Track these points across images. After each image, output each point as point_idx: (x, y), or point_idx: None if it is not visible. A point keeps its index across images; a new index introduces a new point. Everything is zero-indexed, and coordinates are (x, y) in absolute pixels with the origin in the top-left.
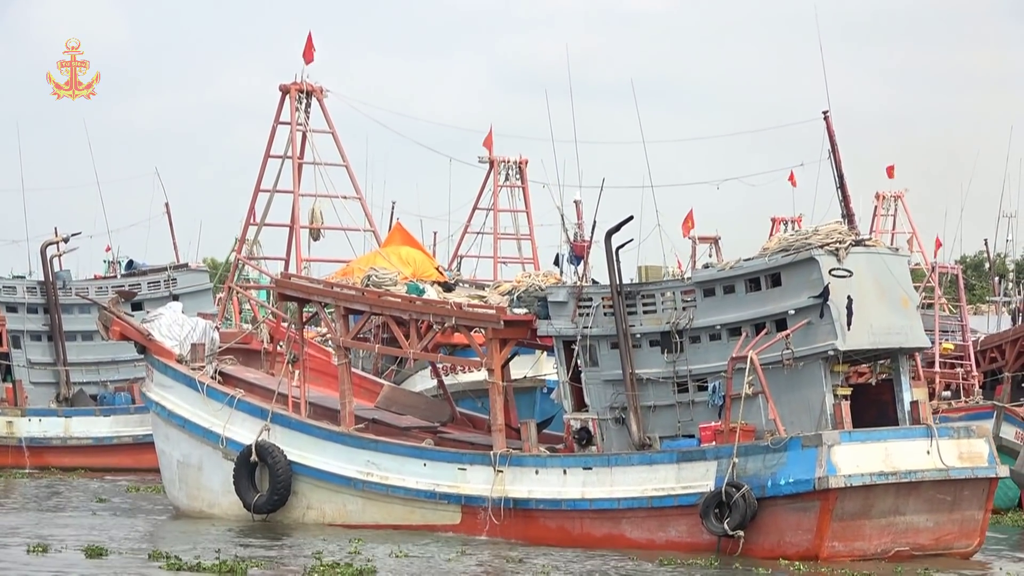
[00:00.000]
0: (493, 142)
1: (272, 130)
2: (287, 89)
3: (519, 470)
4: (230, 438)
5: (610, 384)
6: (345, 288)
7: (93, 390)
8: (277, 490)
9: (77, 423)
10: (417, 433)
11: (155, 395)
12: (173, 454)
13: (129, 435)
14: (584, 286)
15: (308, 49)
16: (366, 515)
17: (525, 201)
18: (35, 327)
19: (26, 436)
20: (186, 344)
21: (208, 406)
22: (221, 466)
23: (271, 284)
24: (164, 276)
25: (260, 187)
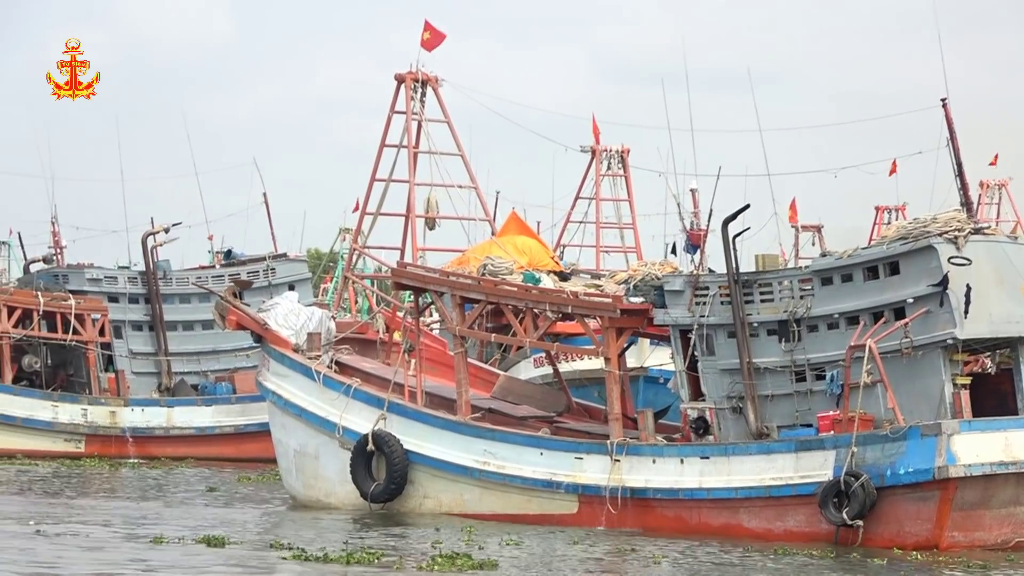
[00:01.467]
0: (596, 131)
1: (387, 119)
2: (402, 78)
3: (636, 459)
4: (347, 427)
5: (727, 373)
6: (461, 277)
7: (194, 380)
8: (394, 479)
9: (179, 413)
10: (533, 423)
11: (271, 384)
12: (290, 443)
13: (230, 425)
14: (701, 275)
15: (428, 37)
16: (483, 504)
17: (627, 190)
18: (136, 317)
19: (129, 426)
20: (302, 333)
21: (324, 395)
22: (338, 455)
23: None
24: (263, 266)
25: (375, 176)
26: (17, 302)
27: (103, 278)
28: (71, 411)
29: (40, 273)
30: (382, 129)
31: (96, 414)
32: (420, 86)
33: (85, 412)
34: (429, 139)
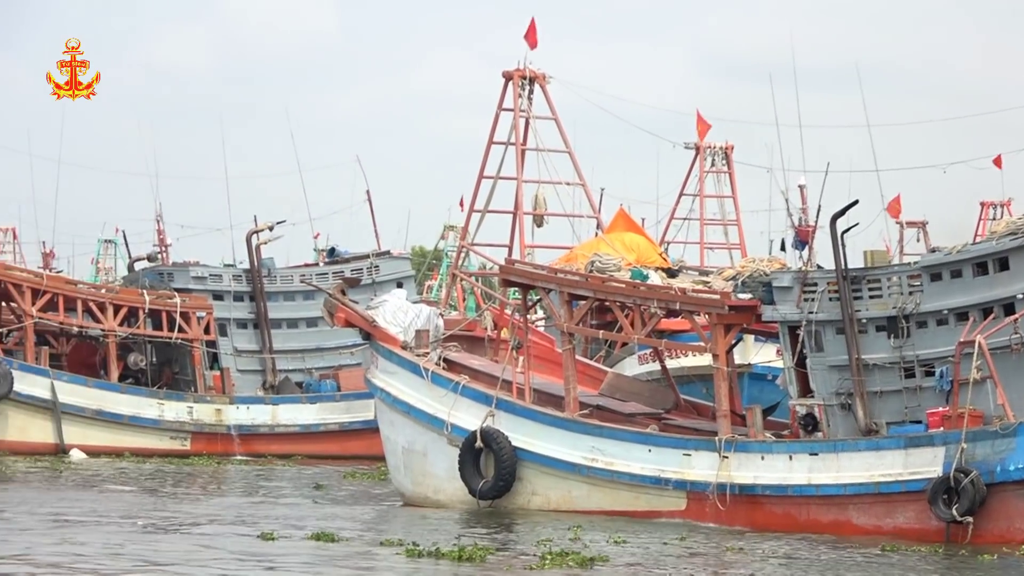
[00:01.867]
0: (700, 127)
1: (495, 117)
2: (510, 75)
3: (745, 456)
4: (455, 424)
5: (836, 369)
6: (569, 274)
7: (298, 377)
8: (502, 476)
9: (284, 410)
10: (642, 419)
11: (380, 381)
12: (398, 440)
13: (335, 422)
14: (809, 271)
15: (531, 34)
16: (591, 501)
17: (732, 186)
18: (241, 315)
19: (234, 423)
20: (410, 331)
21: (433, 392)
22: (446, 452)
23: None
24: (367, 263)
25: (483, 174)
26: (123, 300)
27: (208, 276)
28: (177, 409)
29: (145, 271)
30: (489, 126)
31: (202, 412)
32: (528, 83)
33: (191, 410)
34: (537, 136)
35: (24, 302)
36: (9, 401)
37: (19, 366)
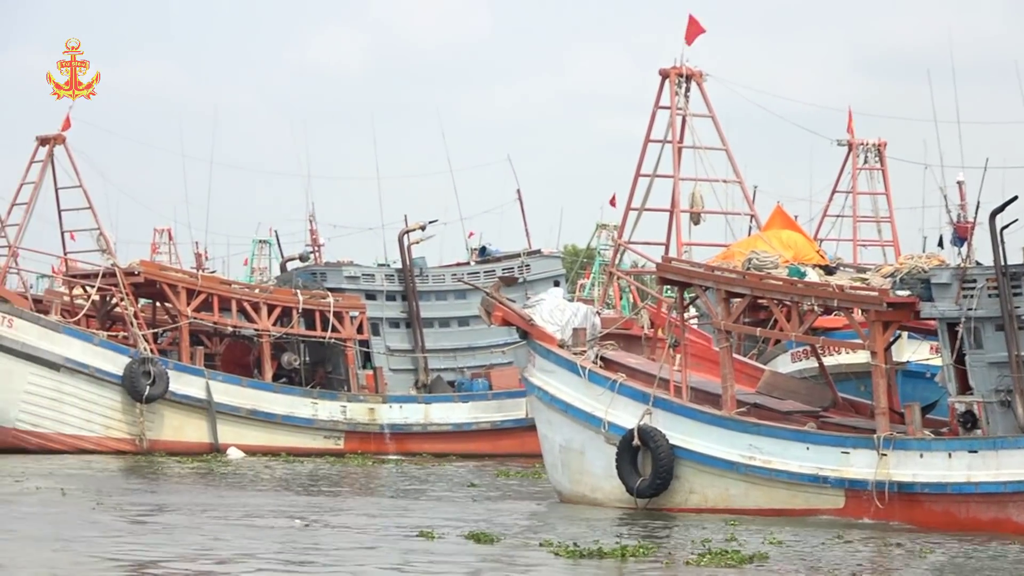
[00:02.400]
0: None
1: (652, 115)
2: (667, 73)
3: (903, 453)
4: (612, 422)
5: (995, 367)
6: (726, 271)
7: (450, 376)
8: (660, 474)
9: (436, 409)
10: (799, 418)
11: (537, 380)
12: (555, 439)
13: (487, 421)
14: (968, 267)
15: (691, 32)
16: (749, 499)
17: (884, 183)
18: (394, 314)
19: (387, 422)
20: (567, 329)
21: (590, 390)
22: (603, 450)
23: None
24: (518, 262)
25: (640, 172)
26: (277, 300)
27: (361, 275)
28: (330, 408)
29: (299, 271)
30: (641, 124)
31: (355, 411)
32: (684, 81)
33: (344, 409)
34: (694, 134)
35: (179, 302)
36: (165, 401)
37: (174, 366)
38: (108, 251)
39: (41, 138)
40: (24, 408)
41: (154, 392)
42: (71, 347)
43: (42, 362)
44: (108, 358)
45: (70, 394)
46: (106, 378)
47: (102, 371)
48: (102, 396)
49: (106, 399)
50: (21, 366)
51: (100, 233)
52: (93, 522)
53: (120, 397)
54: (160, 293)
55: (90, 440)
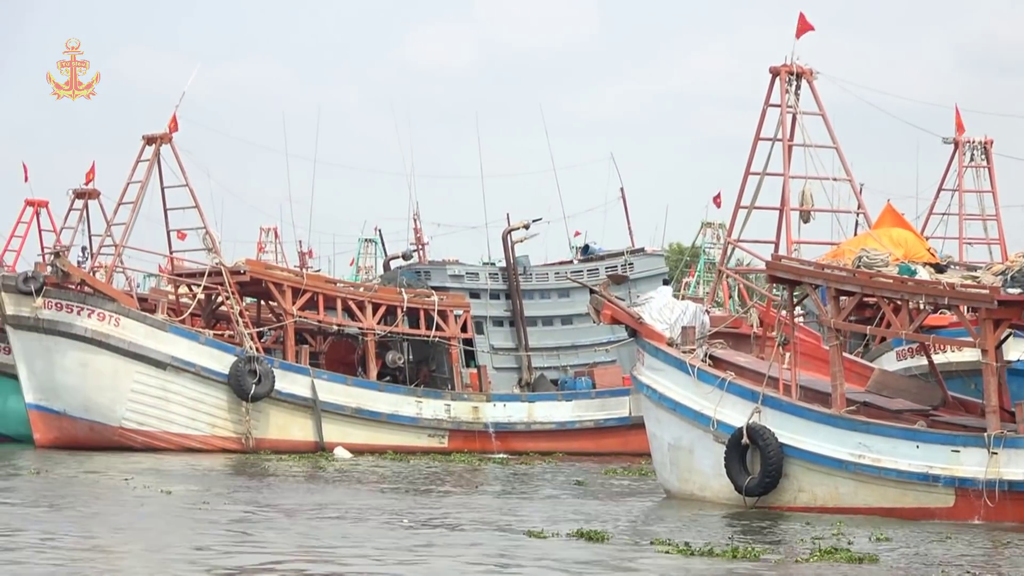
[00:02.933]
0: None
1: (762, 112)
2: (777, 71)
3: (1014, 452)
4: (721, 420)
5: None
6: (837, 269)
7: (553, 375)
8: (769, 472)
9: (540, 408)
10: (908, 416)
11: (646, 378)
12: (664, 437)
13: (590, 419)
14: None
15: (801, 30)
16: (858, 498)
17: (991, 181)
18: (497, 313)
19: (491, 421)
20: (676, 327)
21: (699, 389)
22: (712, 449)
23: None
24: (621, 261)
25: (749, 170)
26: (382, 299)
27: (465, 274)
28: (435, 407)
29: (403, 270)
30: (747, 122)
31: (459, 409)
32: (795, 78)
33: (448, 407)
34: (804, 132)
35: (285, 301)
36: (270, 400)
37: (280, 364)
38: (214, 250)
39: (148, 137)
40: (130, 407)
41: (260, 391)
42: (177, 346)
43: (148, 361)
44: (214, 357)
45: (176, 392)
46: (212, 377)
47: (208, 370)
48: (208, 395)
49: (212, 398)
50: (128, 365)
51: (206, 232)
52: (200, 521)
53: (226, 396)
54: (265, 292)
55: (196, 439)
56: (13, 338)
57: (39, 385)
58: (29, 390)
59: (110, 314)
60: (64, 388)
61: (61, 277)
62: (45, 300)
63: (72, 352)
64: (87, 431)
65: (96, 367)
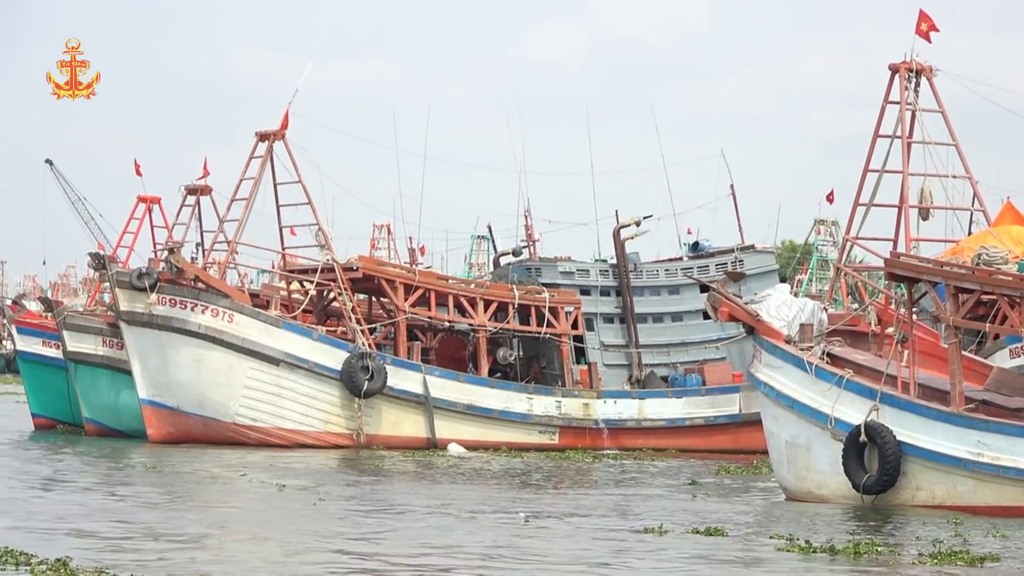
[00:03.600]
0: None
1: (881, 110)
2: (896, 68)
3: None
4: (838, 418)
5: None
6: (956, 267)
7: (663, 372)
8: (887, 471)
9: (650, 404)
10: None
11: (763, 376)
12: (781, 435)
13: (700, 416)
14: None
15: (923, 27)
16: (977, 497)
17: None
18: (607, 310)
19: (602, 417)
20: (794, 325)
21: (816, 386)
22: (829, 447)
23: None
24: (731, 258)
25: (868, 167)
26: (493, 295)
27: (575, 271)
28: (545, 403)
29: (514, 266)
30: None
31: (570, 406)
32: (914, 75)
33: (559, 404)
34: (923, 129)
35: (397, 297)
36: (382, 396)
37: (392, 361)
38: (327, 246)
39: (261, 134)
40: (244, 403)
41: (372, 387)
42: (291, 342)
43: (262, 357)
44: (327, 353)
45: (289, 388)
46: (325, 373)
47: (321, 366)
48: (320, 391)
49: (324, 394)
50: (241, 361)
51: (319, 228)
52: (314, 517)
53: (338, 392)
54: (377, 288)
55: (308, 435)
56: (127, 334)
57: (153, 381)
58: (143, 386)
59: (224, 310)
60: (178, 384)
61: (175, 273)
62: (159, 296)
63: (186, 348)
64: (200, 427)
65: (210, 363)
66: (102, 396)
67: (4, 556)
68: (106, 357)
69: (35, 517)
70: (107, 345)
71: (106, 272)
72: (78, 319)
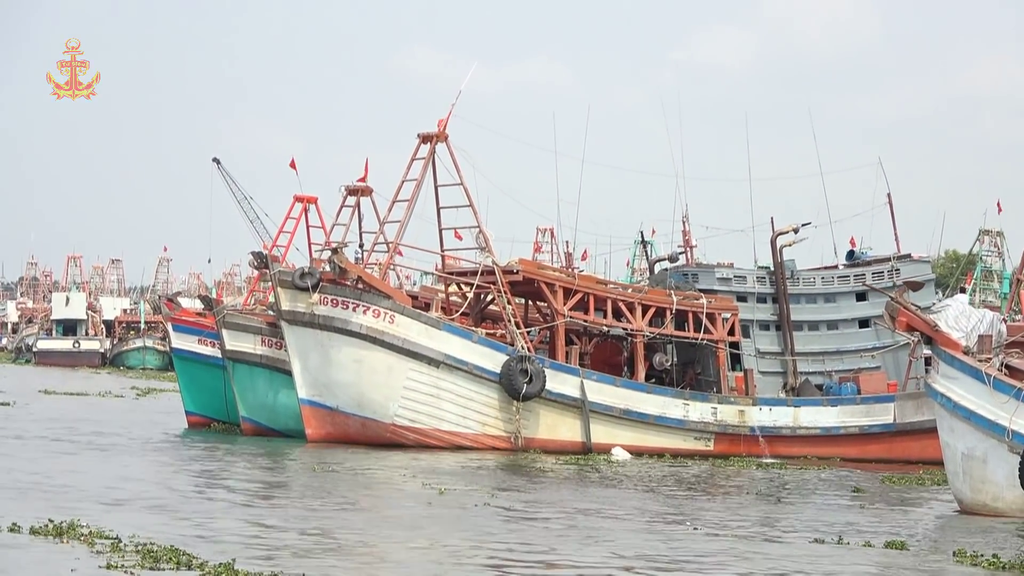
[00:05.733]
0: None
1: None
2: None
3: None
4: (1016, 431)
5: None
6: None
7: (817, 380)
8: None
9: (805, 413)
10: None
11: (940, 387)
12: (957, 446)
13: (855, 425)
14: None
15: None
16: None
17: None
18: (763, 316)
19: (757, 424)
20: (972, 336)
21: (994, 398)
22: (1006, 459)
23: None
24: (887, 267)
25: None
26: (652, 301)
27: (733, 277)
28: (701, 409)
29: (672, 272)
30: None
31: (725, 412)
32: None
33: (715, 410)
34: None
35: (556, 301)
36: (540, 399)
37: (551, 364)
38: (487, 249)
39: (423, 135)
40: (403, 404)
41: (531, 390)
42: (451, 344)
43: (422, 358)
44: (486, 355)
45: (447, 390)
46: (484, 375)
47: (480, 368)
48: (479, 393)
49: (483, 396)
50: (402, 362)
51: (479, 231)
52: (477, 520)
53: (497, 394)
54: (536, 292)
55: (466, 437)
56: (288, 333)
57: (313, 381)
58: (303, 386)
59: (386, 311)
60: (338, 384)
61: (338, 273)
62: (321, 296)
63: (347, 348)
64: (359, 427)
65: (370, 364)
66: (259, 395)
67: (169, 556)
68: (264, 356)
69: (196, 517)
70: (266, 344)
71: (268, 271)
72: (237, 318)
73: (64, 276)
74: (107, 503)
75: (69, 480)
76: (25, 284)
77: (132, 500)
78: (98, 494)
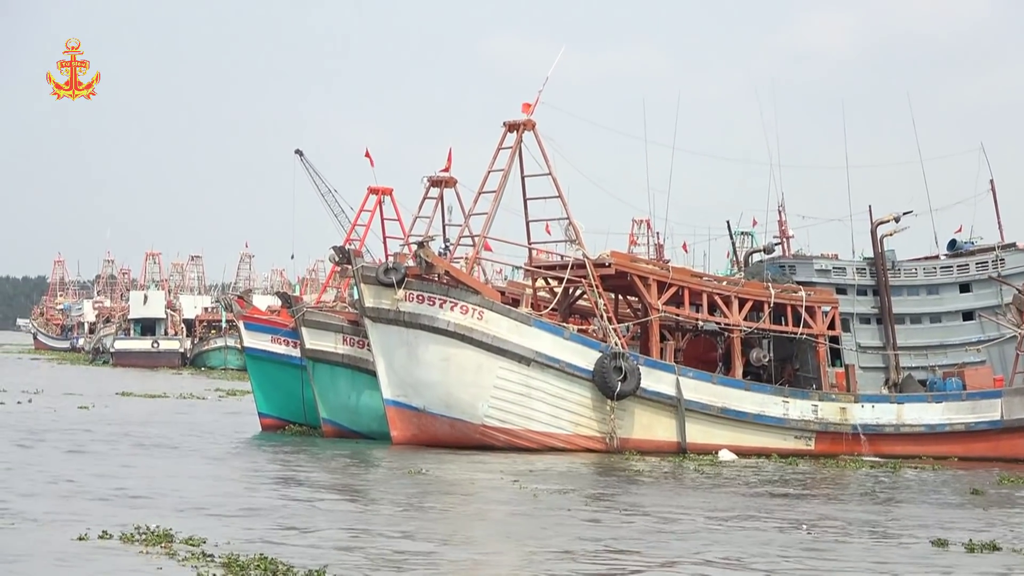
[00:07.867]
0: None
1: None
2: None
3: None
4: None
5: None
6: None
7: (920, 375)
8: None
9: (909, 409)
10: None
11: None
12: None
13: (960, 422)
14: None
15: None
16: None
17: None
18: (864, 310)
19: (859, 422)
20: None
21: None
22: None
23: None
24: (991, 256)
25: None
26: (748, 294)
27: (832, 269)
28: (802, 407)
29: (768, 264)
30: None
31: (826, 410)
32: None
33: (815, 408)
34: None
35: (650, 295)
36: (634, 398)
37: (645, 361)
38: (578, 241)
39: (510, 124)
40: (493, 403)
41: (625, 388)
42: (542, 341)
43: (512, 356)
44: (578, 352)
45: (538, 389)
46: (576, 373)
47: (572, 366)
48: (571, 392)
49: (575, 395)
50: (491, 360)
51: (569, 222)
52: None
53: (590, 393)
54: (628, 285)
55: (559, 438)
56: (372, 331)
57: (398, 380)
58: (388, 385)
59: (474, 307)
60: (424, 384)
61: (424, 268)
62: (406, 292)
63: (434, 346)
64: (447, 429)
65: (459, 362)
66: (341, 396)
67: (260, 564)
68: (346, 356)
69: (287, 523)
70: (347, 343)
71: (351, 267)
72: (318, 316)
73: (142, 274)
74: (189, 509)
75: (154, 486)
76: (102, 282)
77: (220, 505)
78: (186, 500)
